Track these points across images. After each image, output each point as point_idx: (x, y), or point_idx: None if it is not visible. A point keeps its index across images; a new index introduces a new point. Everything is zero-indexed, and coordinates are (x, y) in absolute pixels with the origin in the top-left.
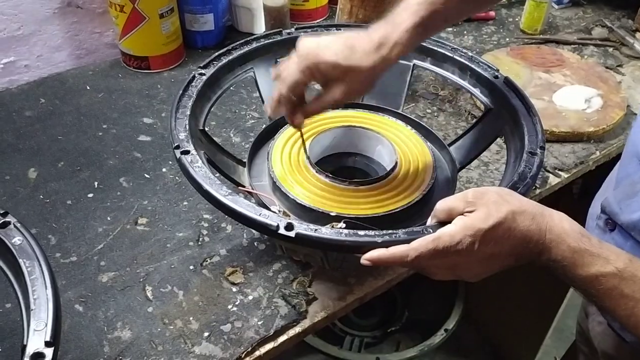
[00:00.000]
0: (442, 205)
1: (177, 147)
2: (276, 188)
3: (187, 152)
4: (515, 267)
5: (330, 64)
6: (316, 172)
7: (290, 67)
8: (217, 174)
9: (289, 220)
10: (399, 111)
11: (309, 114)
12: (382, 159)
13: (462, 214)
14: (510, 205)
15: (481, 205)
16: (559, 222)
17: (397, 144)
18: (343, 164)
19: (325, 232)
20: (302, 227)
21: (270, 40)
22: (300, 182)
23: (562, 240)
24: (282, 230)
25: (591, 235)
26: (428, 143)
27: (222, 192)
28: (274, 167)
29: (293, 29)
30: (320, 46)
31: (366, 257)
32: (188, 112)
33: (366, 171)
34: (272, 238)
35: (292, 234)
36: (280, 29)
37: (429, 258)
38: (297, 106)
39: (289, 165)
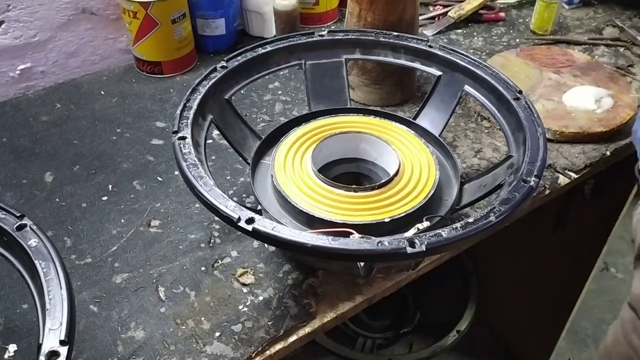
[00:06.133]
0: None
1: (176, 132)
2: (278, 193)
3: (183, 139)
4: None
5: None
6: (318, 178)
7: None
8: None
9: (252, 215)
10: (403, 116)
11: None
12: (386, 165)
13: None
14: None
15: None
16: None
17: (399, 149)
18: (347, 170)
19: (284, 231)
20: (262, 223)
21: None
22: (302, 188)
23: None
24: (242, 223)
25: None
26: (430, 147)
27: (193, 173)
28: (277, 172)
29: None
30: None
31: None
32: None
33: (370, 176)
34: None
35: (249, 227)
36: (313, 31)
37: None
38: None
39: (292, 170)
